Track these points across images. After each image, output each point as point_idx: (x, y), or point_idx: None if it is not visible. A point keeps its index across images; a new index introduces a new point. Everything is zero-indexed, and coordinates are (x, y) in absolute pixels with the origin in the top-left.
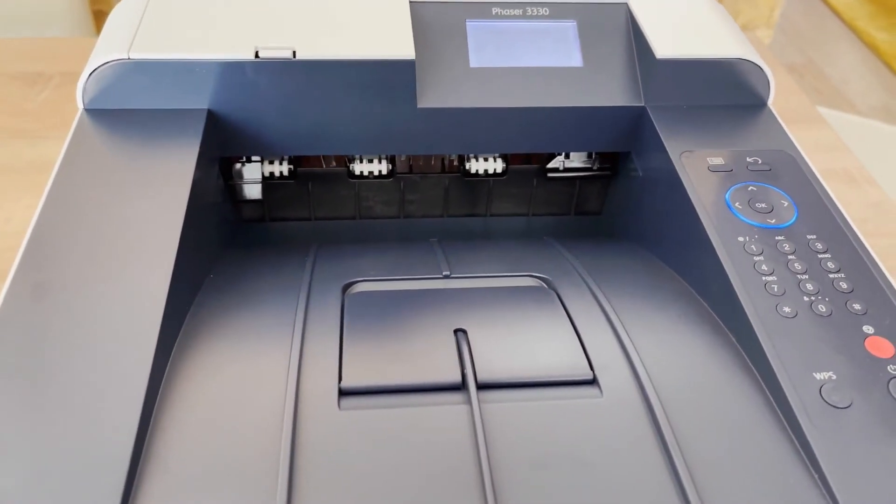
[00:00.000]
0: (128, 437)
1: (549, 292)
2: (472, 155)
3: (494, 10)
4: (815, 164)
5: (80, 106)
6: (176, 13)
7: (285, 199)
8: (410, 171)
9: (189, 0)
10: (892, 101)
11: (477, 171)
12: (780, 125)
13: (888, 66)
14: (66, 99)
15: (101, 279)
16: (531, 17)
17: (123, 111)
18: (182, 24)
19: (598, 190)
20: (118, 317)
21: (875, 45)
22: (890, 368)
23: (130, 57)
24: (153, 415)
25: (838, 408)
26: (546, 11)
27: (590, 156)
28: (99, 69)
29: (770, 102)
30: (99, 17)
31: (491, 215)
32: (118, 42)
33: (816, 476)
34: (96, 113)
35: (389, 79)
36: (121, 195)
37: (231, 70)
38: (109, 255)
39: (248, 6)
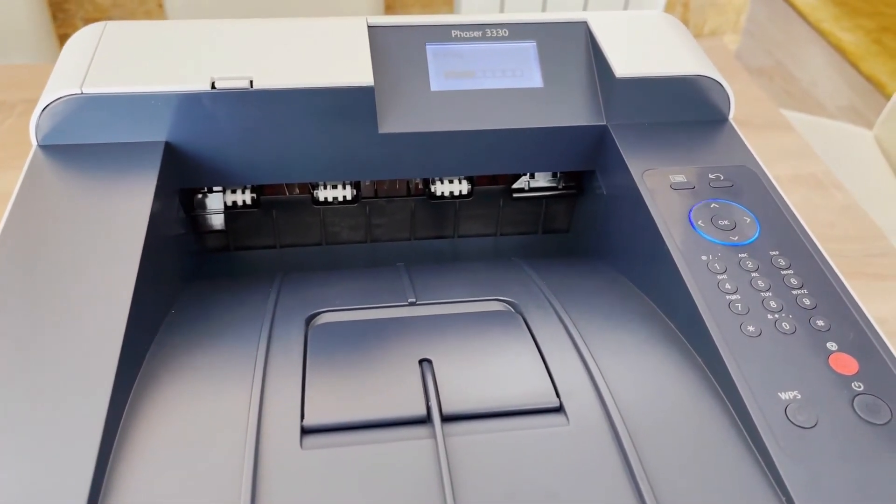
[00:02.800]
0: (83, 485)
1: (516, 316)
2: (437, 177)
3: (454, 33)
4: (783, 170)
5: (34, 142)
6: (130, 46)
7: (249, 228)
8: (376, 196)
9: (143, 32)
10: (860, 102)
11: (442, 193)
12: (741, 140)
13: (854, 66)
14: None
15: (56, 320)
16: (491, 39)
17: (78, 146)
18: (136, 56)
19: (565, 208)
20: (73, 360)
21: (841, 46)
22: (854, 385)
23: (83, 91)
24: (109, 460)
25: (804, 428)
26: (505, 32)
27: (555, 175)
28: (51, 105)
29: (731, 117)
30: (65, 42)
31: (459, 237)
32: (71, 76)
33: (784, 499)
34: (50, 149)
35: (349, 105)
36: (76, 233)
37: (187, 102)
38: (64, 296)
39: (204, 37)
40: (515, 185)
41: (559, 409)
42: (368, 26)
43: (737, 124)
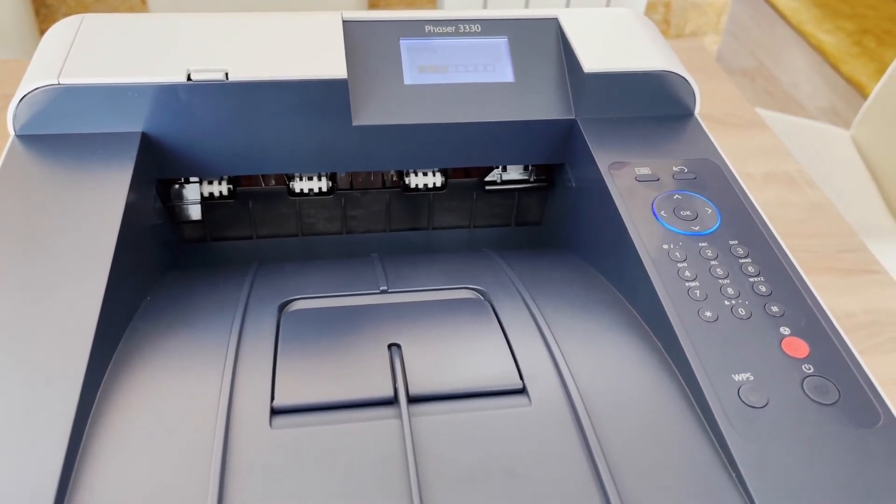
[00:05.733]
0: (55, 465)
1: (484, 304)
2: (411, 170)
3: (427, 28)
4: (757, 167)
5: (11, 132)
6: (107, 38)
7: (226, 219)
8: (351, 188)
9: (120, 25)
10: (840, 103)
11: (417, 185)
12: (705, 134)
13: (835, 68)
14: None
15: (32, 305)
16: (463, 34)
17: (56, 136)
18: (113, 48)
19: (537, 201)
20: (47, 343)
21: (822, 48)
22: (804, 367)
23: (60, 82)
24: (82, 441)
25: (755, 408)
26: (478, 28)
27: (526, 168)
28: (29, 95)
29: (697, 112)
30: None
31: (433, 229)
32: (48, 67)
33: (734, 475)
34: (28, 139)
35: (323, 98)
36: (53, 221)
37: (163, 93)
38: (40, 282)
39: (181, 30)
40: (488, 178)
41: (522, 391)
42: (343, 21)
43: (714, 123)
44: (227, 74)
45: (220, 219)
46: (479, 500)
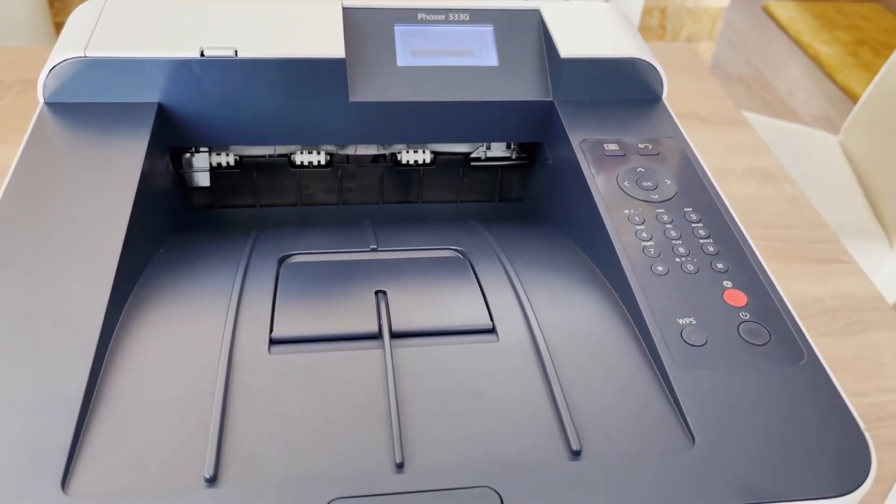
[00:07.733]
0: (80, 380)
1: (464, 262)
2: (401, 144)
3: (420, 16)
4: (738, 163)
5: (41, 100)
6: (129, 16)
7: (232, 188)
8: (347, 162)
9: (141, 4)
10: (834, 111)
11: (407, 161)
12: (671, 116)
13: (830, 77)
14: (27, 105)
15: (58, 251)
16: (453, 22)
17: (80, 104)
18: (134, 25)
19: (519, 178)
20: (74, 282)
21: (818, 58)
22: (742, 314)
23: (87, 55)
24: (104, 363)
25: (695, 346)
26: (466, 17)
27: (509, 146)
28: (58, 66)
29: (664, 97)
30: (61, 29)
31: (422, 202)
32: (76, 41)
33: (672, 400)
34: (55, 106)
35: (322, 75)
36: (77, 180)
37: (178, 67)
38: (67, 231)
39: (196, 11)
40: (473, 155)
41: (492, 331)
42: (343, 7)
43: (699, 121)
44: (236, 52)
45: (226, 187)
46: (450, 415)
